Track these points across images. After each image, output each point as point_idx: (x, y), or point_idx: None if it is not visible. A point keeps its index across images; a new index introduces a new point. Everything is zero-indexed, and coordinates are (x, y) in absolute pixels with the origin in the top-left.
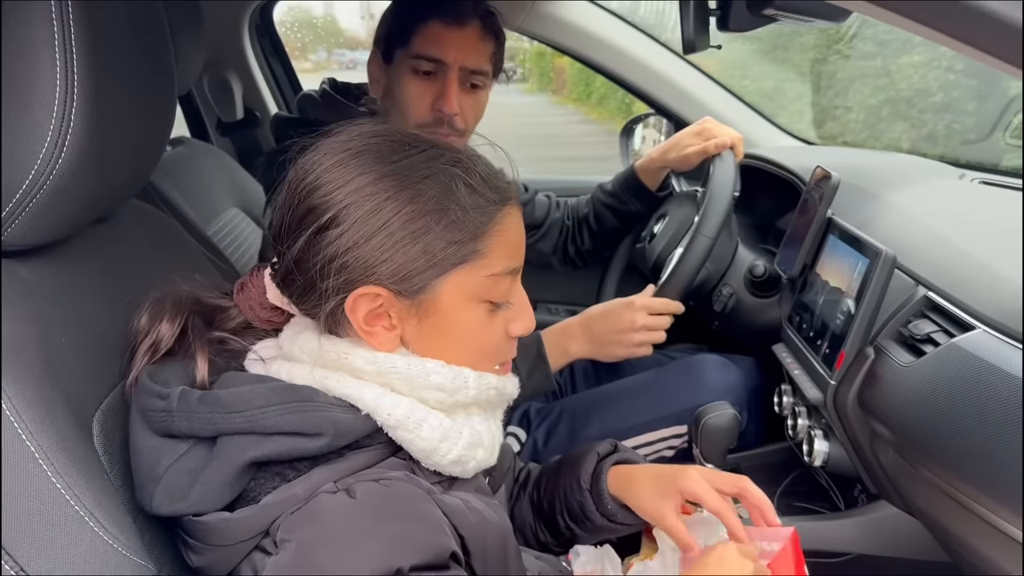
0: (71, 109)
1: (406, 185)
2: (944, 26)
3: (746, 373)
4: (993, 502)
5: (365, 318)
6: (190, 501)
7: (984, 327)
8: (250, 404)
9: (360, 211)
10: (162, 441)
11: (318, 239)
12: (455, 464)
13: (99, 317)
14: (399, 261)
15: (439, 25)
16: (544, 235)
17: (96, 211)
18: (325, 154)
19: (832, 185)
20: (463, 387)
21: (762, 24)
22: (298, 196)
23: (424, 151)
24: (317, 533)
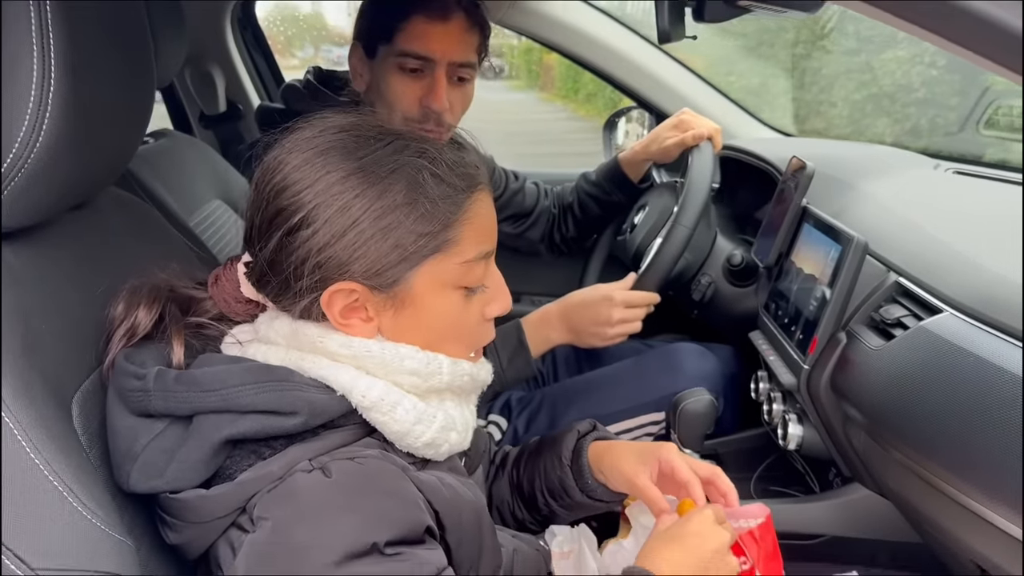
0: (48, 94)
1: (374, 181)
2: (922, 20)
3: (724, 361)
4: (962, 482)
5: (341, 312)
6: (166, 478)
7: (952, 310)
8: (225, 383)
9: (329, 210)
10: (139, 421)
11: (290, 240)
12: (428, 447)
13: (77, 303)
14: (371, 257)
15: (423, 20)
16: (534, 223)
17: (74, 197)
18: (291, 152)
19: (807, 175)
20: (436, 373)
21: (737, 15)
22: (266, 197)
23: (389, 144)
24: (293, 510)
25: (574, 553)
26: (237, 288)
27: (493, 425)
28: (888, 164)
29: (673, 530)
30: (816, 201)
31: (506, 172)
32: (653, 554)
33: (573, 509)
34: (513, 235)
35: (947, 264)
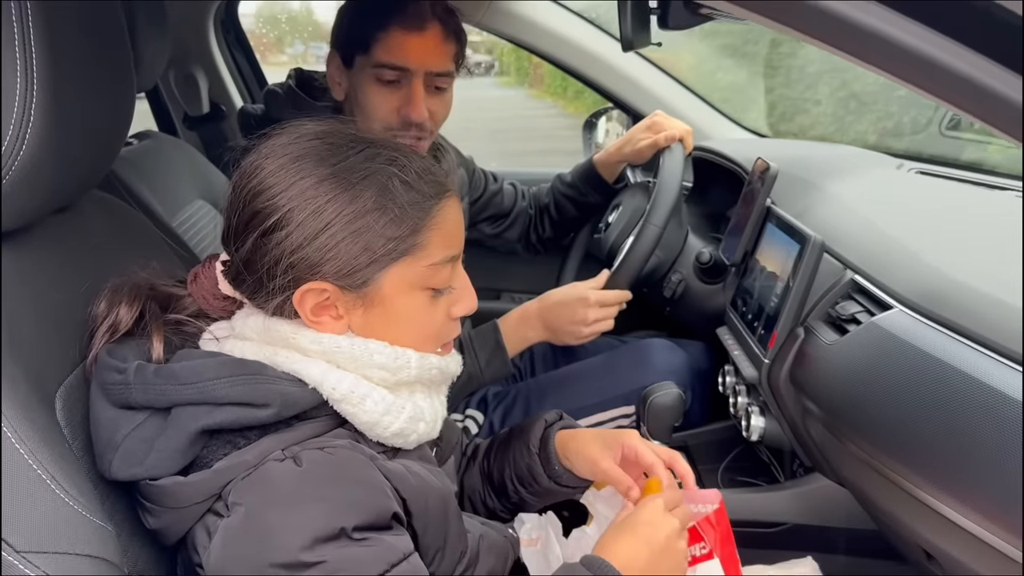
0: (31, 104)
1: (346, 187)
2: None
3: (693, 356)
4: (910, 472)
5: (312, 310)
6: (146, 466)
7: (901, 307)
8: (201, 376)
9: (303, 214)
10: (120, 412)
11: (264, 241)
12: (397, 436)
13: (60, 303)
14: (343, 259)
15: (400, 32)
16: (511, 224)
17: (58, 201)
18: (267, 157)
19: (771, 176)
20: (405, 367)
21: (700, 22)
22: (243, 200)
23: (361, 151)
24: (265, 496)
25: (541, 540)
26: (215, 285)
27: (470, 419)
28: (852, 164)
29: (627, 520)
30: (781, 201)
31: (485, 174)
32: (609, 543)
33: (541, 496)
34: (491, 235)
35: (899, 262)
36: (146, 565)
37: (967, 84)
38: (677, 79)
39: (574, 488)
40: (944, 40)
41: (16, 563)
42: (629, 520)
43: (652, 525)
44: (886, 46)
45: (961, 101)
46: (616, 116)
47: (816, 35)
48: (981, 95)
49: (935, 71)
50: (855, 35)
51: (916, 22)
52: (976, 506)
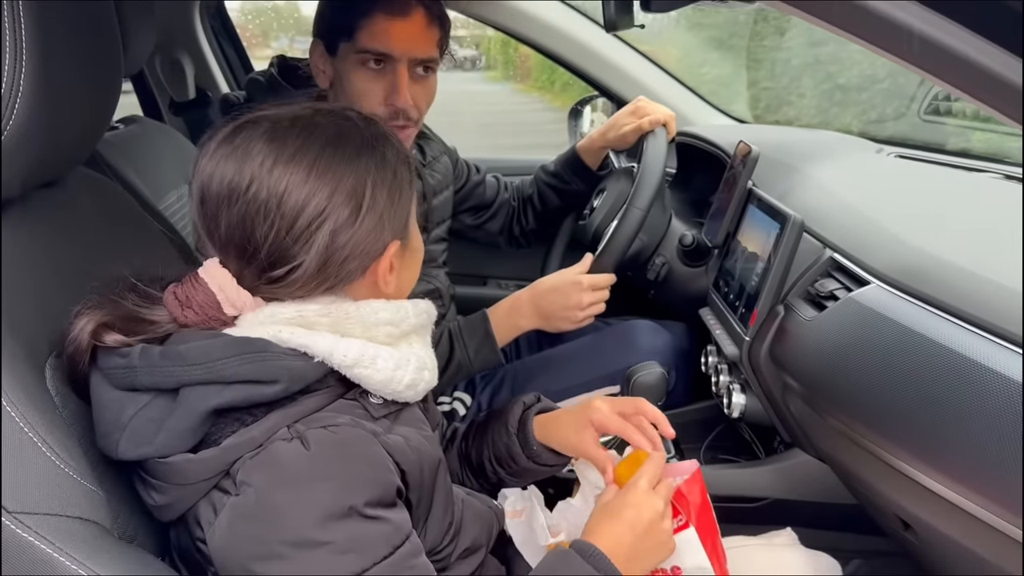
0: (20, 76)
1: (374, 155)
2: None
3: (676, 337)
4: (887, 441)
5: (388, 274)
6: (156, 445)
7: (878, 282)
8: (209, 356)
9: (365, 194)
10: (124, 394)
11: (339, 235)
12: (409, 388)
13: (50, 275)
14: (402, 214)
15: (383, 17)
16: (493, 215)
17: (46, 173)
18: (289, 168)
19: (752, 159)
20: (406, 316)
21: (683, 5)
22: (298, 209)
23: (351, 123)
24: (274, 476)
25: (526, 512)
26: (218, 310)
27: (458, 401)
28: (833, 148)
29: (612, 504)
30: (763, 184)
31: (468, 164)
32: (594, 528)
33: (520, 475)
34: (473, 226)
35: (876, 240)
36: (136, 529)
37: (968, 66)
38: (661, 66)
39: (552, 467)
40: (947, 22)
41: (9, 524)
42: (614, 504)
43: (636, 508)
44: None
45: (961, 82)
46: (601, 105)
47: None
48: (983, 77)
49: (941, 54)
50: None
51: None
52: (950, 472)
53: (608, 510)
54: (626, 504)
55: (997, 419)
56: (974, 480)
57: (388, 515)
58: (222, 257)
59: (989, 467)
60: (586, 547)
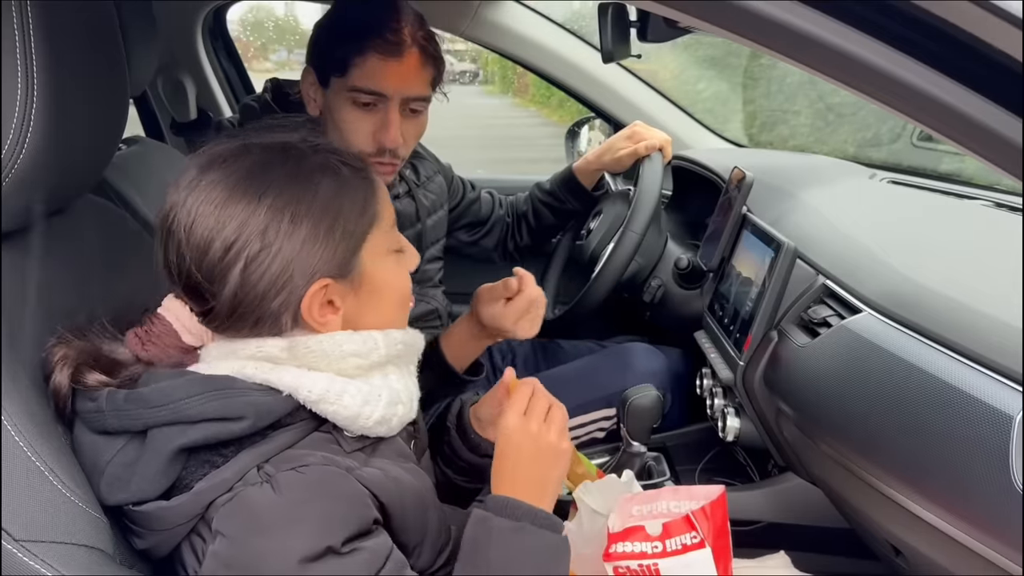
0: (31, 110)
1: (306, 186)
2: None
3: (672, 360)
4: (878, 470)
5: (319, 312)
6: (131, 491)
7: (870, 311)
8: (171, 397)
9: (281, 226)
10: (100, 438)
11: (251, 270)
12: (380, 424)
13: (55, 302)
14: (332, 250)
15: (377, 58)
16: (488, 232)
17: (55, 203)
18: (208, 190)
19: (747, 184)
20: (374, 348)
21: (679, 35)
22: (205, 244)
23: (291, 152)
24: (246, 524)
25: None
26: (177, 339)
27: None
28: (826, 174)
29: (496, 452)
30: (757, 208)
31: (463, 182)
32: (503, 477)
33: (469, 474)
34: (468, 243)
35: (869, 267)
36: (136, 556)
37: (971, 125)
38: (658, 90)
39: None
40: (948, 82)
41: (15, 551)
42: (497, 451)
43: (514, 442)
44: (881, 78)
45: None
46: (598, 125)
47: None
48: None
49: (948, 115)
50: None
51: (911, 58)
52: (937, 499)
53: (496, 457)
54: (503, 443)
55: (984, 448)
56: (961, 508)
57: (365, 544)
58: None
59: (975, 495)
60: (497, 501)
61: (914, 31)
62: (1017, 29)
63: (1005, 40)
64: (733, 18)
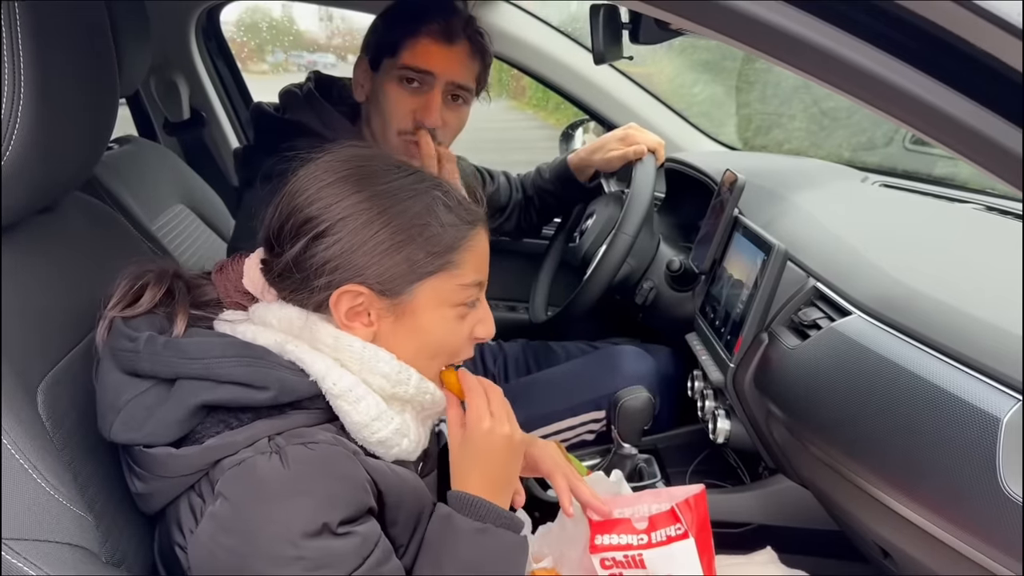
0: (18, 105)
1: (395, 203)
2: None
3: (662, 362)
4: (867, 472)
5: (346, 313)
6: (144, 432)
7: (859, 313)
8: (208, 353)
9: (356, 223)
10: (126, 378)
11: (315, 244)
12: (380, 444)
13: (44, 300)
14: (385, 266)
15: (429, 41)
16: (508, 216)
17: (43, 200)
18: (325, 171)
19: (739, 187)
20: (404, 382)
21: (670, 37)
22: (297, 206)
23: (410, 175)
24: (251, 491)
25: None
26: (240, 279)
27: (444, 423)
28: (817, 177)
29: (469, 451)
30: (749, 211)
31: (481, 172)
32: (462, 476)
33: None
34: (491, 229)
35: (859, 270)
36: (125, 554)
37: (972, 134)
38: (653, 93)
39: None
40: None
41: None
42: (451, 445)
43: (472, 439)
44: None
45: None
46: (593, 128)
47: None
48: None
49: (944, 121)
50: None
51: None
52: (925, 501)
53: (452, 450)
54: (455, 441)
55: (972, 450)
56: (949, 510)
57: (358, 529)
58: None
59: (963, 497)
60: (460, 499)
61: (910, 37)
62: (1017, 39)
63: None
64: (723, 20)
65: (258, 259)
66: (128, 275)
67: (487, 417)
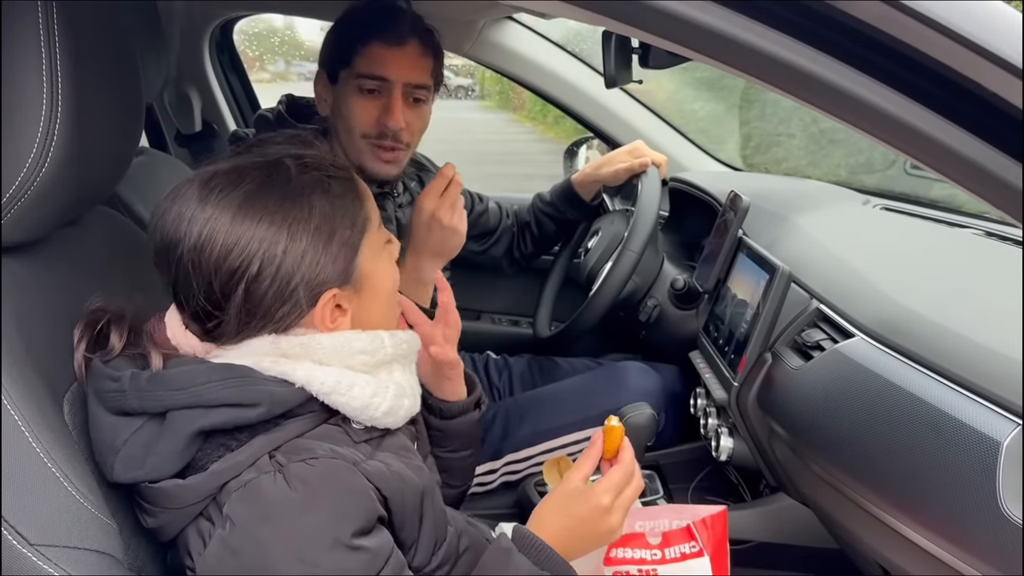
0: (55, 127)
1: (299, 206)
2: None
3: (667, 379)
4: (869, 492)
5: (330, 318)
6: (146, 469)
7: (862, 335)
8: (194, 381)
9: (282, 244)
10: (118, 419)
11: (256, 285)
12: (387, 415)
13: (68, 311)
14: (331, 260)
15: (380, 46)
16: (496, 241)
17: (70, 215)
18: (212, 214)
19: (743, 208)
20: (381, 346)
21: (680, 62)
22: (213, 266)
23: (284, 172)
24: (257, 511)
25: None
26: (175, 351)
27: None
28: (821, 199)
29: (572, 506)
30: (753, 232)
31: (471, 194)
32: (546, 519)
33: (442, 442)
34: (478, 252)
35: (861, 293)
36: (144, 562)
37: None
38: (655, 111)
39: (459, 416)
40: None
41: (29, 555)
42: (574, 507)
43: (592, 523)
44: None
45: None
46: (596, 145)
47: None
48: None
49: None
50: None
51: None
52: (926, 522)
53: (565, 509)
54: (584, 515)
55: (972, 473)
56: (949, 531)
57: (368, 543)
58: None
59: (964, 519)
60: (524, 536)
61: (911, 72)
62: (1017, 79)
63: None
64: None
65: (181, 328)
66: (84, 317)
67: (612, 496)
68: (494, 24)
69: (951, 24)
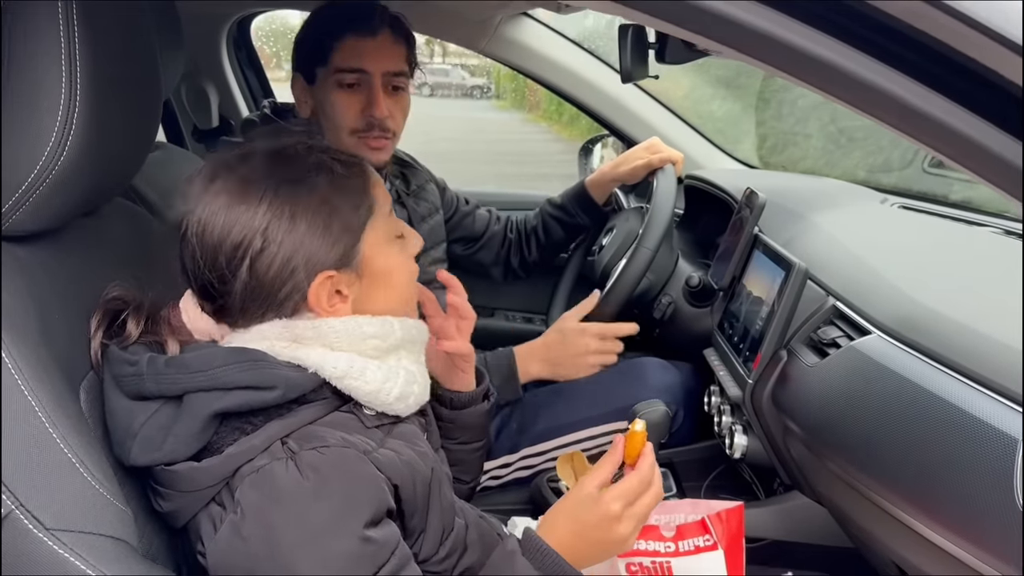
0: (73, 116)
1: (300, 186)
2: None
3: (684, 376)
4: (886, 490)
5: (328, 300)
6: (164, 451)
7: (879, 332)
8: (211, 364)
9: (282, 222)
10: (134, 403)
11: (258, 262)
12: (399, 400)
13: (84, 300)
14: (331, 242)
15: (355, 38)
16: (483, 246)
17: (88, 205)
18: (216, 196)
19: (759, 205)
20: (391, 331)
21: (696, 57)
22: (218, 241)
23: (289, 155)
24: (269, 497)
25: None
26: (190, 336)
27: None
28: (838, 197)
29: (582, 512)
30: (769, 229)
31: (457, 196)
32: (556, 523)
33: (452, 434)
34: (463, 256)
35: (878, 290)
36: (158, 549)
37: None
38: (671, 109)
39: (469, 405)
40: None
41: (46, 539)
42: (584, 513)
43: (603, 531)
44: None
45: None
46: (611, 143)
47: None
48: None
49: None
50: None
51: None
52: (943, 520)
53: (575, 515)
54: (595, 523)
55: (989, 470)
56: (966, 529)
57: (376, 535)
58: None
59: (981, 517)
60: (532, 541)
61: (913, 51)
62: (1017, 56)
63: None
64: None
65: (196, 311)
66: (102, 306)
67: (623, 504)
68: (510, 20)
69: (988, 22)
